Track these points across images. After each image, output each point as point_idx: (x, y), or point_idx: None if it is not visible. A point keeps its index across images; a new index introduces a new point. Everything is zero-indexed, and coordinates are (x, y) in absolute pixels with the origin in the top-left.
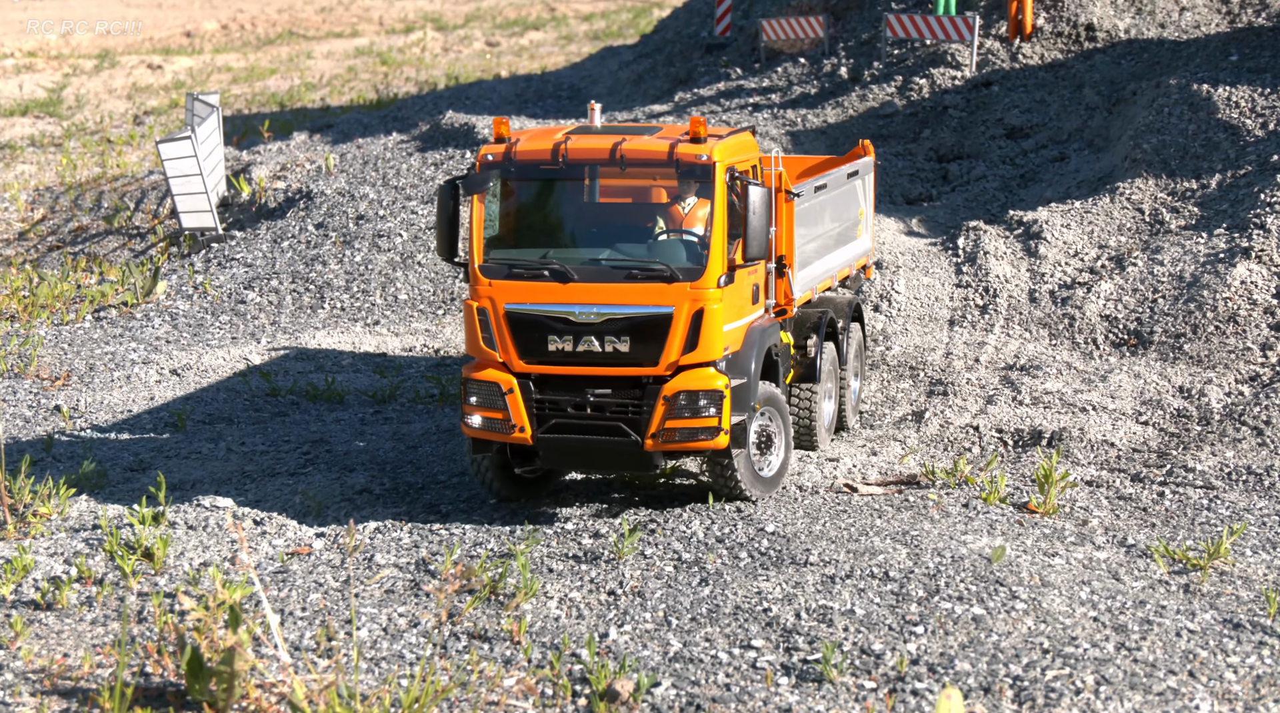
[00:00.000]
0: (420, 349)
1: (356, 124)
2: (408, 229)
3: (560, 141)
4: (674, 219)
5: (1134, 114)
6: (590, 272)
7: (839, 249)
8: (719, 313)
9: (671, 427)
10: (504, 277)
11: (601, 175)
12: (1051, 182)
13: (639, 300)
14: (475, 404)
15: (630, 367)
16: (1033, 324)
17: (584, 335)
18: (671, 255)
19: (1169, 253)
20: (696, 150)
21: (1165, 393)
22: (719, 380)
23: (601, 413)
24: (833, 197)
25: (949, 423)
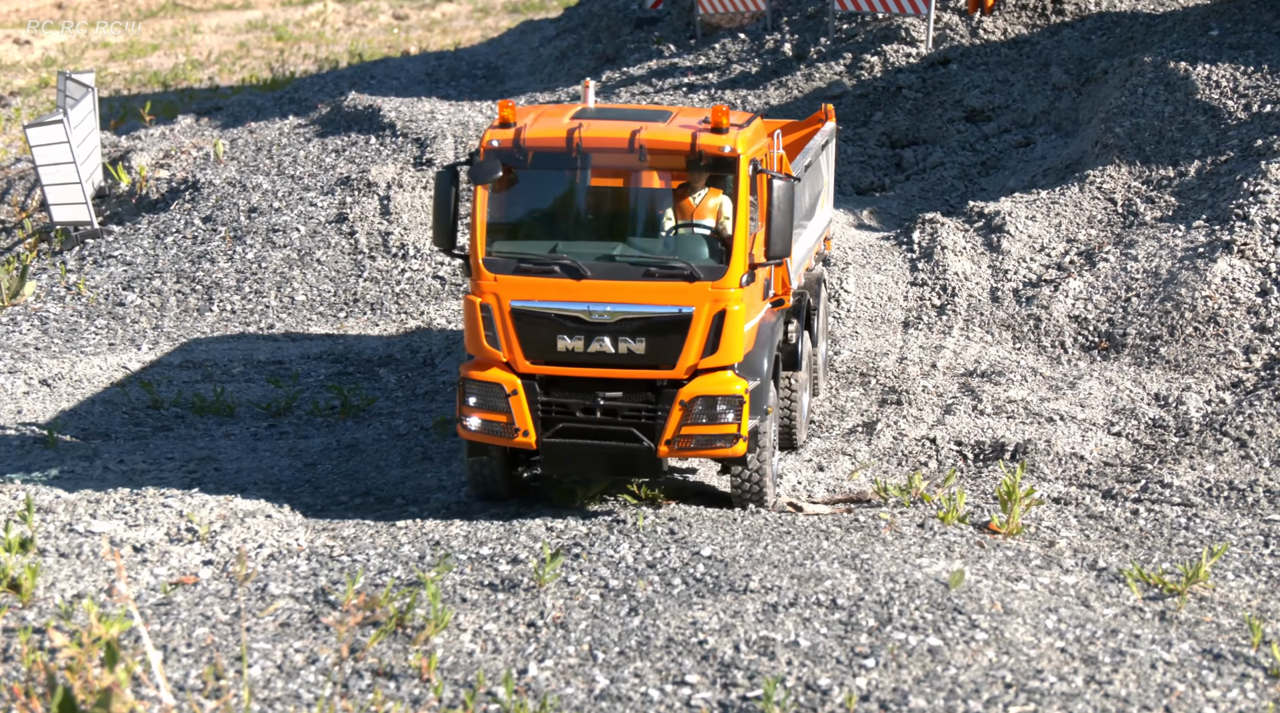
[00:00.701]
0: (320, 356)
1: (249, 106)
2: (306, 223)
3: (573, 128)
4: (684, 211)
5: (1105, 95)
6: (604, 268)
7: (813, 224)
8: (741, 314)
9: (688, 433)
10: (510, 271)
11: (618, 166)
12: (1015, 169)
13: (657, 300)
14: (474, 406)
15: (645, 369)
16: (995, 326)
17: (596, 336)
18: (691, 252)
19: (1144, 247)
20: (720, 142)
21: (1140, 401)
22: (739, 385)
23: (613, 417)
24: (812, 169)
25: (903, 435)
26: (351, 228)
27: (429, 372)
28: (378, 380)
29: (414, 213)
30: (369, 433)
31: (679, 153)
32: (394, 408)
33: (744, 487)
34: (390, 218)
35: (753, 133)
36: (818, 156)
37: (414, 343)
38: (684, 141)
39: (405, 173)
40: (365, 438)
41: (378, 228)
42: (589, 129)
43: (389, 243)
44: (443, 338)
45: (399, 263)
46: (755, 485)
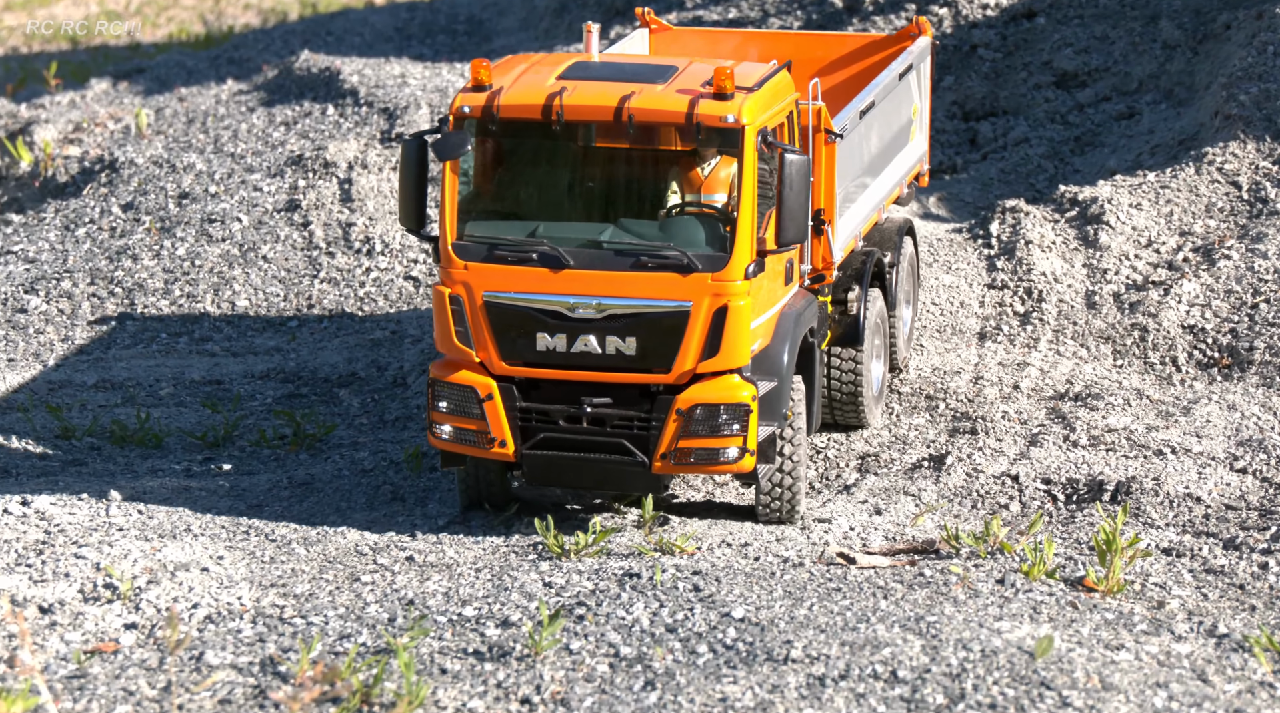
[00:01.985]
0: (267, 374)
1: (178, 68)
2: (249, 212)
3: (554, 93)
4: (691, 183)
5: (1228, 55)
6: (589, 256)
7: (889, 168)
8: (746, 311)
9: (687, 446)
10: (483, 258)
11: (605, 137)
12: (1116, 147)
13: (648, 293)
14: (445, 411)
15: (637, 372)
16: (1091, 338)
17: (581, 333)
18: (689, 237)
19: (1275, 242)
20: (722, 110)
21: (1270, 430)
22: (744, 391)
23: (601, 427)
24: (881, 109)
25: (978, 471)
26: (305, 218)
27: (399, 393)
28: (337, 404)
29: (381, 199)
30: (327, 468)
31: (673, 123)
32: (357, 437)
33: (769, 503)
34: (352, 205)
35: (767, 95)
36: (890, 90)
37: (381, 358)
38: (679, 111)
39: (370, 150)
40: (322, 474)
41: (337, 217)
42: (573, 95)
43: (350, 236)
44: (416, 352)
45: (363, 261)
46: (784, 501)
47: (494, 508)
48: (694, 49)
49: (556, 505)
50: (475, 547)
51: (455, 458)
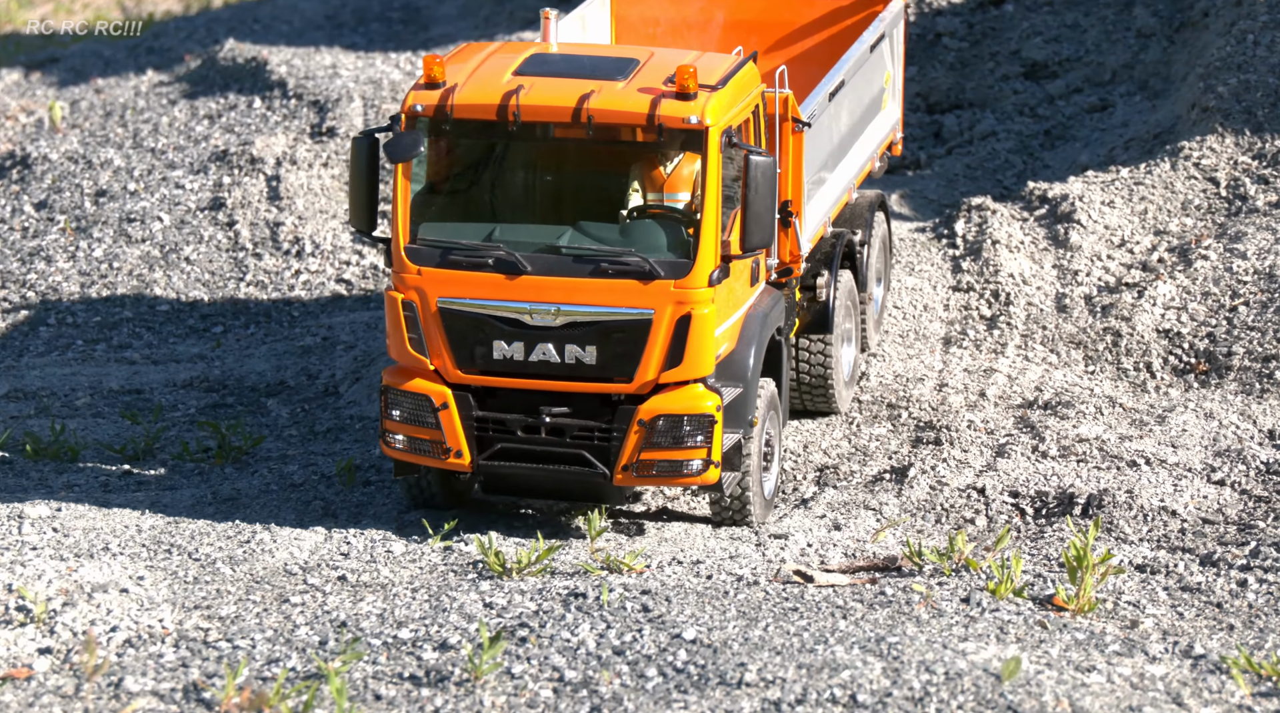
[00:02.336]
0: (190, 383)
1: (94, 58)
2: (171, 211)
3: (511, 91)
4: (654, 182)
5: (1205, 44)
6: (547, 262)
7: (859, 142)
8: (710, 319)
9: (649, 459)
10: (437, 263)
11: (562, 140)
12: (1088, 141)
13: (608, 301)
14: (399, 420)
15: (597, 382)
16: (1061, 343)
17: (539, 342)
18: (651, 242)
19: (1254, 241)
20: (684, 110)
21: (1249, 440)
22: (709, 401)
23: (560, 437)
24: (852, 85)
25: (943, 484)
26: (230, 217)
27: (331, 403)
28: (265, 414)
29: (311, 197)
30: (254, 482)
31: (634, 125)
32: (286, 450)
33: (724, 506)
34: (280, 204)
35: (731, 92)
36: (862, 63)
37: (312, 366)
38: (640, 112)
39: (300, 146)
40: (249, 489)
41: (264, 217)
42: (530, 94)
43: (279, 236)
44: (349, 359)
45: (292, 262)
46: (738, 504)
47: (442, 508)
48: (658, 11)
49: (510, 511)
50: (412, 565)
51: (409, 467)
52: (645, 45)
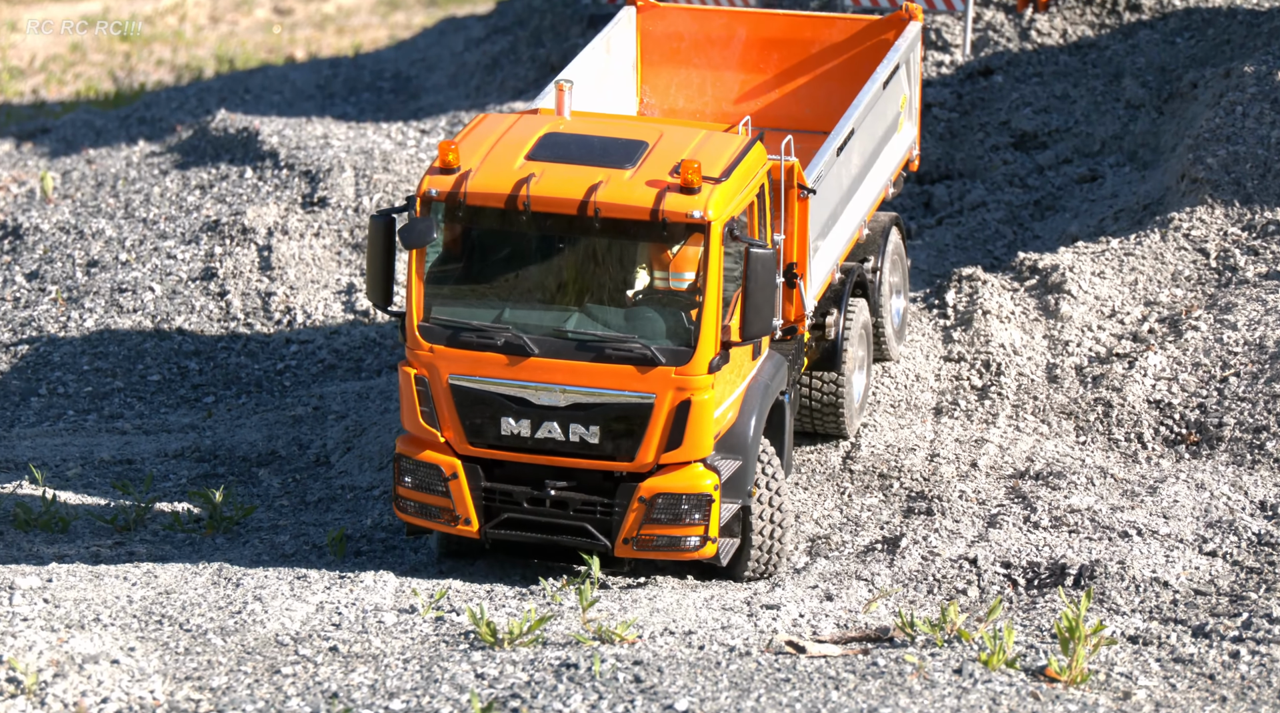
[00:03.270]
0: (181, 454)
1: (86, 128)
2: (162, 281)
3: (522, 179)
4: (661, 261)
5: (1194, 115)
6: (553, 345)
7: (872, 173)
8: (709, 404)
9: (648, 534)
10: (448, 342)
11: (570, 232)
12: (1078, 211)
13: (611, 384)
14: (411, 486)
15: (600, 460)
16: (1052, 414)
17: (545, 420)
18: (653, 329)
19: (1244, 312)
20: (688, 205)
21: (1240, 511)
22: (707, 481)
23: (564, 510)
24: (864, 126)
25: (935, 554)
26: (222, 287)
27: (322, 473)
28: (256, 484)
29: (303, 267)
30: (245, 553)
31: (638, 221)
32: (277, 520)
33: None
34: (272, 274)
35: (736, 182)
36: (875, 101)
37: (303, 436)
38: (644, 206)
39: (291, 216)
40: (240, 559)
41: (256, 287)
42: (540, 183)
43: (270, 306)
44: (341, 429)
45: (284, 332)
46: (771, 565)
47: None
48: (683, 27)
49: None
50: (403, 635)
51: (421, 529)
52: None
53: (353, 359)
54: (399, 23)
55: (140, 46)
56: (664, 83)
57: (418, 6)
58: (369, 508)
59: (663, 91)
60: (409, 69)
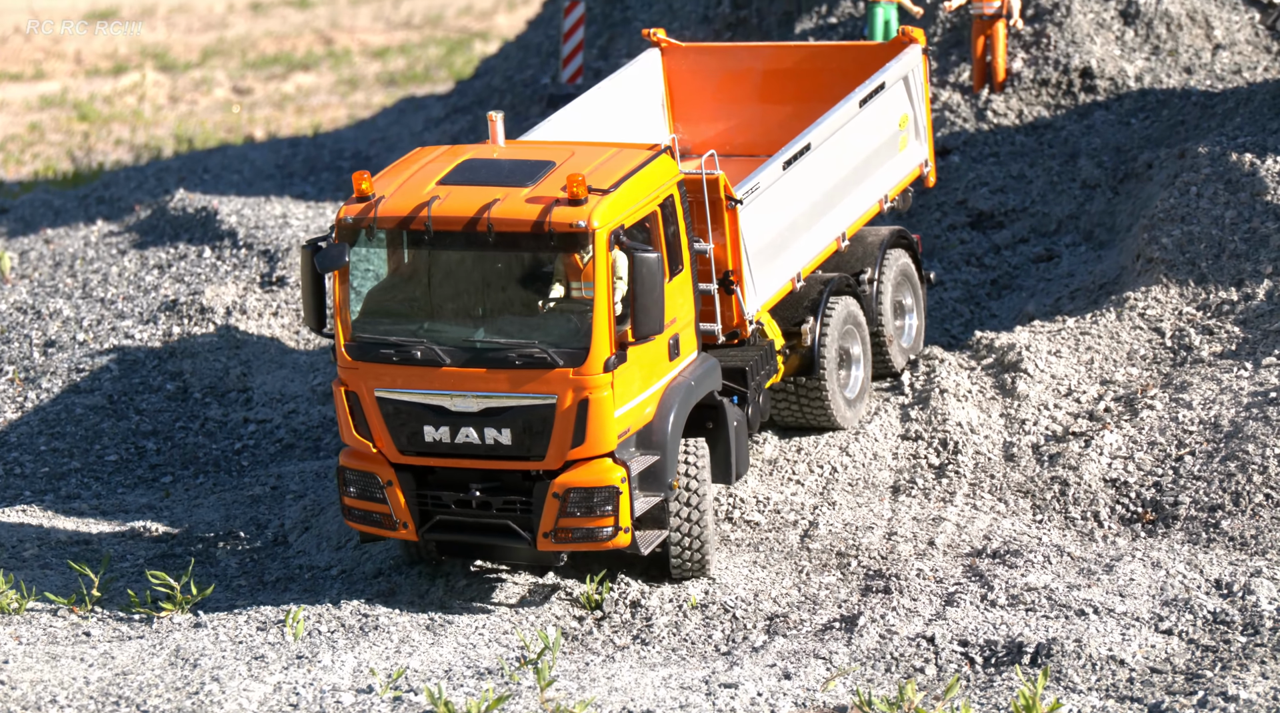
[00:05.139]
0: (139, 534)
1: (44, 208)
2: (120, 361)
3: (425, 202)
4: (574, 269)
5: (1149, 195)
6: (464, 355)
7: (858, 189)
8: (608, 401)
9: (566, 526)
10: (372, 358)
11: (469, 247)
12: (1034, 290)
13: (517, 388)
14: (354, 496)
15: (515, 460)
16: (1009, 492)
17: (462, 426)
18: (553, 334)
19: (1200, 391)
20: (572, 216)
21: (1196, 589)
22: (615, 474)
23: (488, 510)
24: (836, 139)
25: (892, 632)
26: (180, 367)
27: (280, 553)
28: (214, 564)
29: (260, 347)
30: (203, 633)
31: (527, 232)
32: (235, 600)
33: (681, 565)
34: (230, 353)
35: (626, 193)
36: (848, 119)
37: (261, 515)
38: (531, 218)
39: (250, 295)
40: (198, 640)
41: (214, 366)
42: (441, 204)
43: (228, 386)
44: (299, 509)
45: (242, 411)
46: (697, 558)
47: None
48: (703, 66)
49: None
50: None
51: (372, 537)
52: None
53: (311, 438)
54: (358, 102)
55: (99, 126)
56: (693, 117)
57: (377, 86)
58: (327, 587)
59: (693, 126)
60: (368, 148)
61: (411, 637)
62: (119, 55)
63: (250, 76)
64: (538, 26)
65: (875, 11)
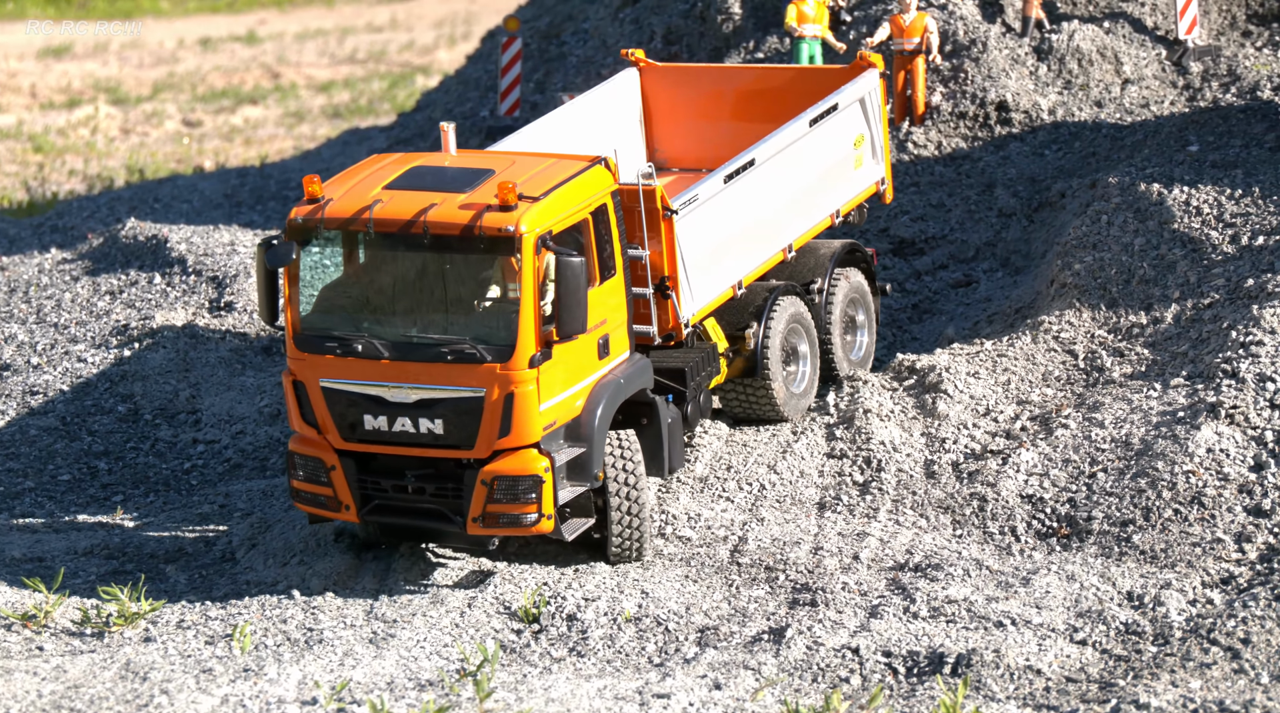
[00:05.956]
0: (90, 551)
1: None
2: (73, 384)
3: (368, 205)
4: (511, 271)
5: (1062, 224)
6: (402, 349)
7: (809, 202)
8: (532, 395)
9: (494, 512)
10: (319, 350)
11: (406, 248)
12: (954, 314)
13: (449, 381)
14: (302, 479)
15: (448, 449)
16: (930, 508)
17: (399, 415)
18: (484, 331)
19: (1111, 411)
20: (501, 220)
21: (1109, 601)
22: (539, 464)
23: (423, 495)
24: (785, 156)
25: (819, 644)
26: (130, 389)
27: (228, 569)
28: (164, 581)
29: (209, 369)
30: (152, 648)
31: (459, 235)
32: (184, 615)
33: (620, 550)
34: (180, 376)
35: (556, 200)
36: (796, 139)
37: (210, 533)
38: (462, 222)
39: (199, 319)
40: (147, 654)
41: (164, 388)
42: (383, 208)
43: (177, 407)
44: (246, 526)
45: (191, 432)
46: (635, 545)
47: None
48: (680, 85)
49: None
50: None
51: (319, 519)
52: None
53: (258, 458)
54: (304, 134)
55: (53, 158)
56: (669, 134)
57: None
58: (274, 603)
59: (670, 141)
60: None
61: (355, 650)
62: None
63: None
64: (477, 61)
65: (800, 47)
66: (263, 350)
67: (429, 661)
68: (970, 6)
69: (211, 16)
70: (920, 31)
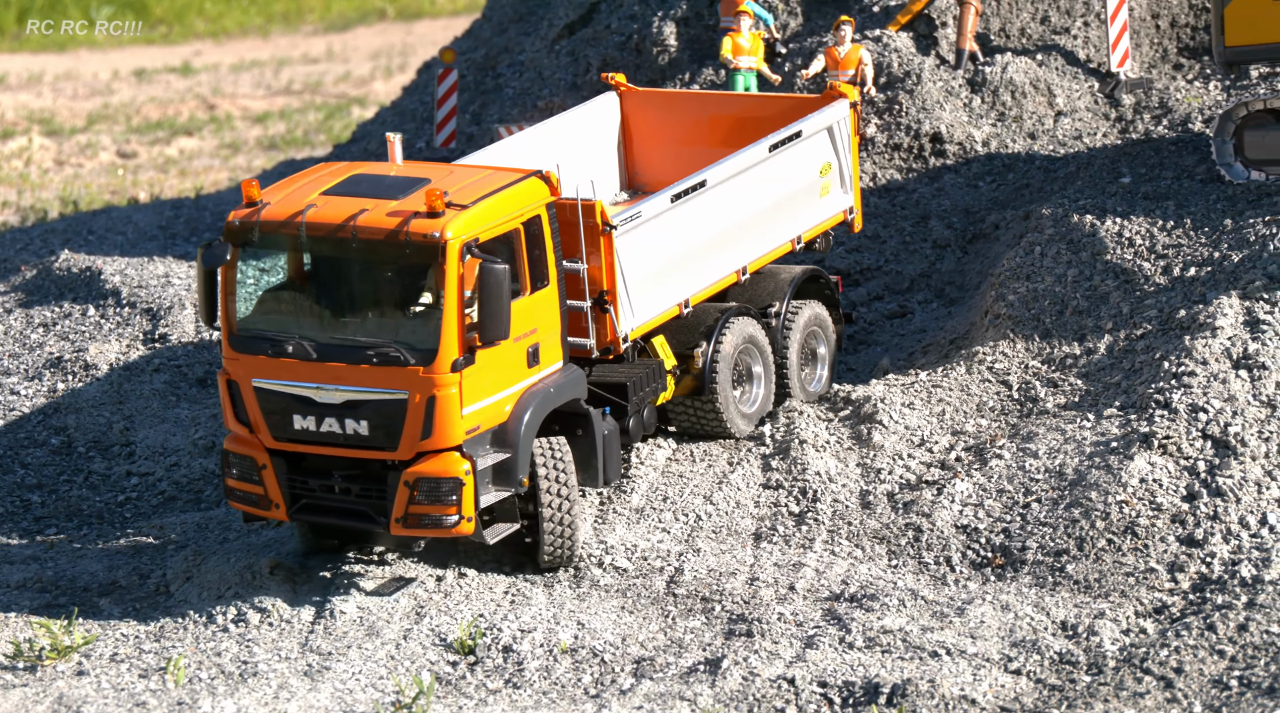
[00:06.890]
0: (22, 585)
1: None
2: (5, 417)
3: (301, 210)
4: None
5: (996, 255)
6: (331, 350)
7: (768, 227)
8: (454, 399)
9: (416, 513)
10: (251, 351)
11: (338, 253)
12: (888, 345)
13: (375, 383)
14: (235, 477)
15: (373, 450)
16: (866, 538)
17: (326, 415)
18: (410, 336)
19: (1045, 441)
20: (427, 227)
21: (1043, 631)
22: (460, 466)
23: (349, 495)
24: (740, 180)
25: (755, 674)
26: (64, 421)
27: (163, 602)
28: (98, 614)
29: (143, 401)
30: (86, 682)
31: (386, 241)
32: (118, 649)
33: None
34: (114, 408)
35: (485, 209)
36: (755, 163)
37: (144, 566)
38: (389, 228)
39: (133, 352)
40: (81, 688)
41: (97, 421)
42: (316, 213)
43: (111, 439)
44: (181, 559)
45: (125, 465)
46: (568, 546)
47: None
48: (660, 109)
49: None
50: None
51: (253, 517)
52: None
53: (193, 490)
54: (240, 165)
55: None
56: (648, 156)
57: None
58: (208, 636)
59: (648, 166)
60: None
61: (290, 683)
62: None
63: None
64: (412, 93)
65: (736, 79)
66: (197, 382)
67: (364, 693)
68: (904, 39)
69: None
70: (855, 64)
